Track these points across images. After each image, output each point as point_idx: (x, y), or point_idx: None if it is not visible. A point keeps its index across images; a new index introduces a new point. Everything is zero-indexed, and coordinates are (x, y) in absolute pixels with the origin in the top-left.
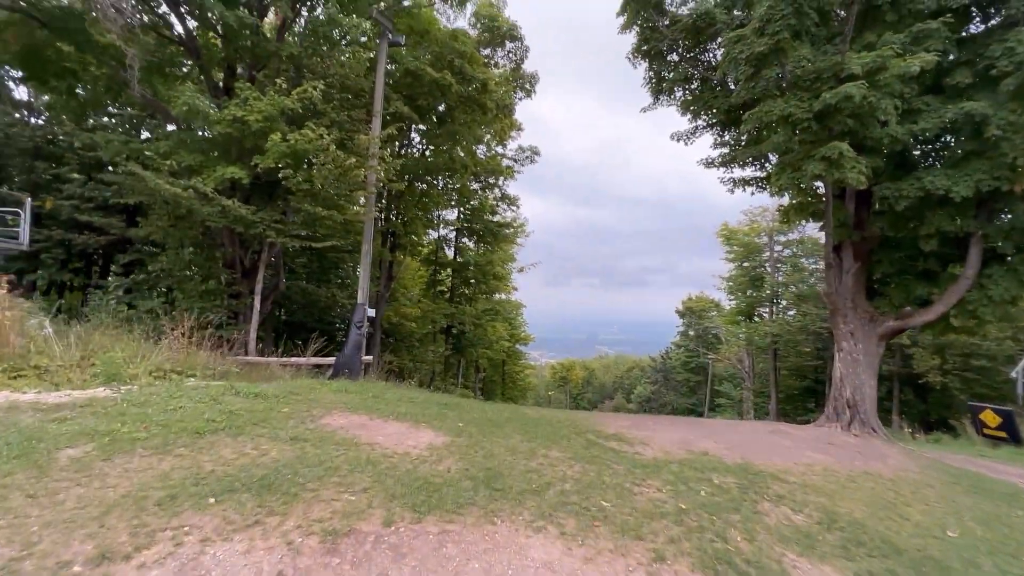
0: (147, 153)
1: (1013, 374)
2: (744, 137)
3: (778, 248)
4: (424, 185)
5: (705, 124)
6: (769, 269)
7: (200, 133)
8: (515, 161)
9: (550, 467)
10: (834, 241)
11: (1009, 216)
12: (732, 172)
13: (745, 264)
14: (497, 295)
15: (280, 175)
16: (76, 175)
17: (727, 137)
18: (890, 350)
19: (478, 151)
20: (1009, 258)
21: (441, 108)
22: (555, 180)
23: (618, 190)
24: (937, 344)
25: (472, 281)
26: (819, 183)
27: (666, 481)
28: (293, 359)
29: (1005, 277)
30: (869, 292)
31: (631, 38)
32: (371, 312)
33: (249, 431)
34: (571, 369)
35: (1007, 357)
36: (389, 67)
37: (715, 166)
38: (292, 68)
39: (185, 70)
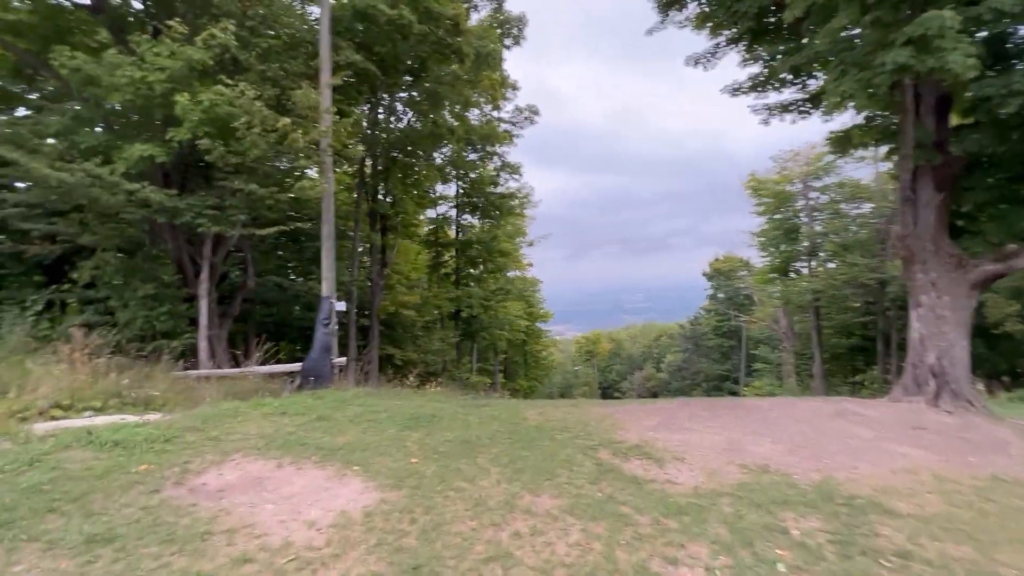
0: (22, 132)
1: None
2: (781, 48)
3: (813, 195)
4: (411, 159)
5: (727, 40)
6: (805, 219)
7: (108, 106)
8: (513, 124)
9: (530, 541)
10: (912, 165)
11: None
12: (766, 97)
13: (777, 216)
14: (510, 272)
15: (201, 147)
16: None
17: (759, 51)
18: None
19: (471, 117)
20: None
21: (410, 62)
22: (571, 151)
23: (636, 154)
24: (1015, 288)
25: (478, 260)
26: (882, 95)
27: (718, 541)
28: (255, 368)
29: None
30: (953, 231)
31: None
32: (341, 305)
33: (26, 525)
34: (597, 342)
35: None
36: (335, 11)
37: (743, 92)
38: (206, 15)
39: (100, 39)
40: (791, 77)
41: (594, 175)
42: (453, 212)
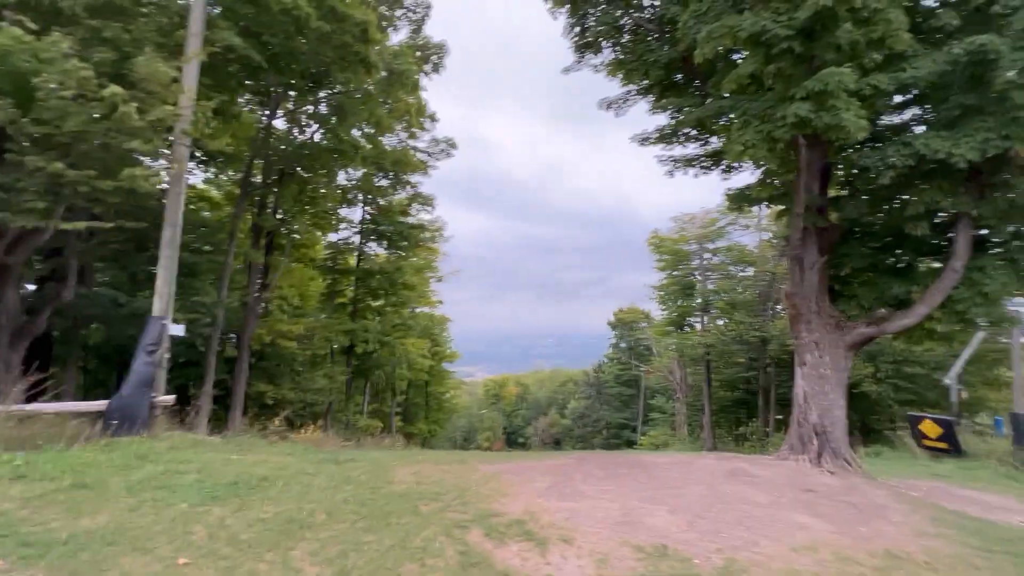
0: None
1: (946, 380)
2: (688, 103)
3: (707, 256)
4: (309, 174)
5: (639, 90)
6: (699, 277)
7: None
8: (429, 155)
9: None
10: (801, 224)
11: (1009, 193)
12: (672, 149)
13: (675, 273)
14: (418, 308)
15: None
16: None
17: (667, 102)
18: None
19: (385, 142)
20: (1002, 246)
21: (312, 67)
22: (497, 197)
23: (556, 206)
24: (868, 352)
25: (380, 292)
26: (779, 149)
27: None
28: (40, 406)
29: (1001, 269)
30: (832, 294)
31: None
32: (177, 329)
33: None
34: (504, 386)
35: (936, 363)
36: None
37: (651, 142)
38: None
39: None
40: (695, 132)
41: (517, 222)
42: (356, 238)
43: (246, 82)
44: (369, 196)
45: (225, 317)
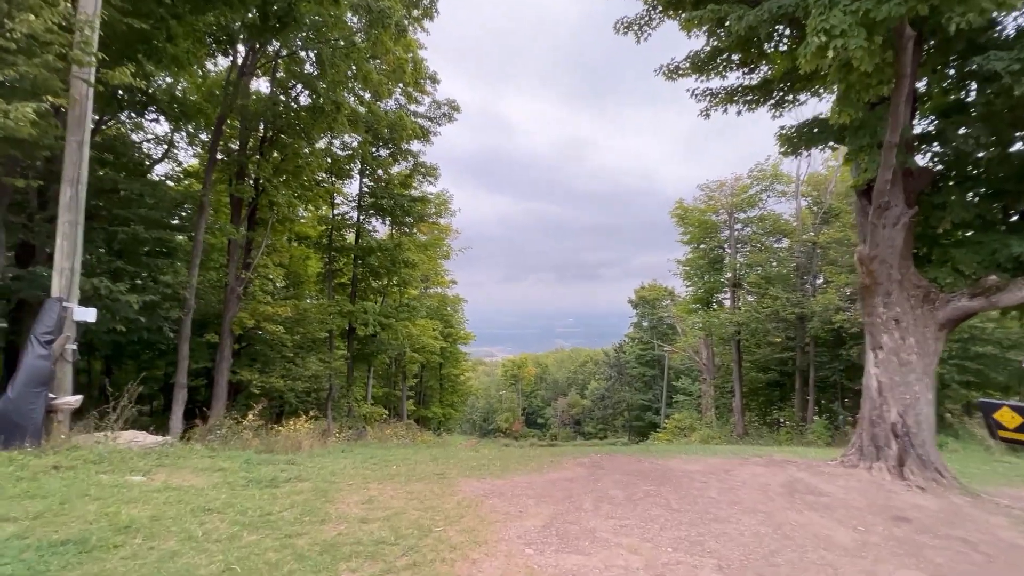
0: None
1: None
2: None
3: (737, 227)
4: (291, 139)
5: (665, 4)
6: (729, 250)
7: None
8: (430, 120)
9: None
10: (893, 161)
11: None
12: (709, 80)
13: (702, 246)
14: (432, 289)
15: None
16: None
17: (700, 13)
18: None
19: (386, 108)
20: None
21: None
22: (517, 177)
23: (576, 186)
24: None
25: (381, 271)
26: (875, 46)
27: None
28: None
29: None
30: (915, 259)
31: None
32: (85, 313)
33: None
34: (523, 366)
35: (1011, 342)
36: None
37: (682, 73)
38: None
39: None
40: (739, 56)
41: (537, 203)
42: (354, 214)
43: (180, 13)
44: (366, 167)
45: (197, 300)
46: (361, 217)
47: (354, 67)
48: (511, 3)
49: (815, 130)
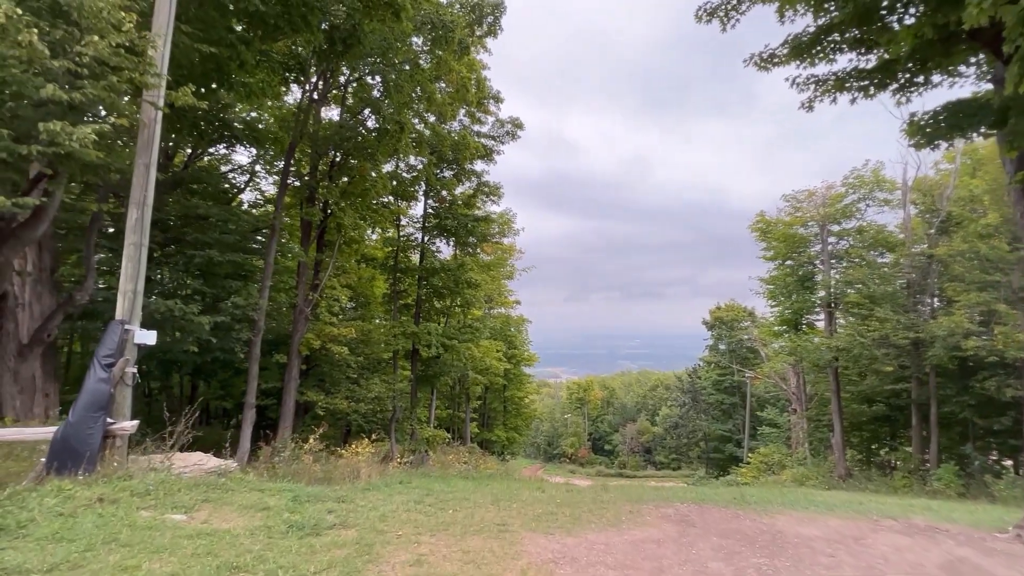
0: None
1: None
2: None
3: (831, 240)
4: (357, 162)
5: None
6: (821, 266)
7: None
8: (494, 139)
9: None
10: None
11: None
12: (814, 64)
13: (788, 262)
14: (494, 309)
15: None
16: None
17: None
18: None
19: (449, 128)
20: None
21: (334, 18)
22: (582, 196)
23: (642, 203)
24: None
25: (444, 291)
26: None
27: None
28: None
29: None
30: None
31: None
32: (147, 336)
33: None
34: (589, 389)
35: None
36: None
37: (779, 62)
38: None
39: None
40: (853, 35)
41: (602, 220)
42: (419, 235)
43: (251, 37)
44: (431, 188)
45: (266, 321)
46: (425, 238)
47: (419, 89)
48: (575, 23)
49: (960, 115)
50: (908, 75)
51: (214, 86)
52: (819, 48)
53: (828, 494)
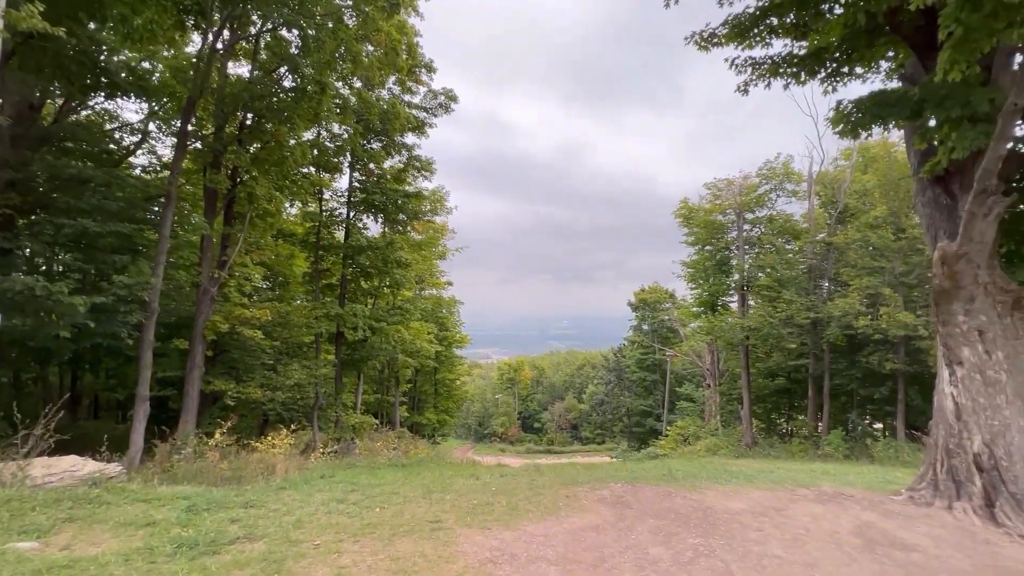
0: None
1: None
2: None
3: (746, 227)
4: (270, 124)
5: None
6: (736, 251)
7: None
8: (426, 111)
9: None
10: (1012, 139)
11: None
12: (752, 47)
13: (707, 248)
14: (425, 291)
15: None
16: None
17: None
18: (887, 343)
19: (378, 97)
20: None
21: None
22: (517, 179)
23: (576, 189)
24: None
25: (371, 271)
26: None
27: None
28: None
29: None
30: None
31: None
32: None
33: None
34: (519, 369)
35: None
36: None
37: (718, 42)
38: None
39: None
40: (790, 20)
41: (535, 205)
42: (344, 210)
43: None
44: (357, 161)
45: (163, 302)
46: (351, 214)
47: (343, 48)
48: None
49: (882, 104)
50: (835, 64)
51: (82, 16)
52: (757, 30)
53: (741, 463)
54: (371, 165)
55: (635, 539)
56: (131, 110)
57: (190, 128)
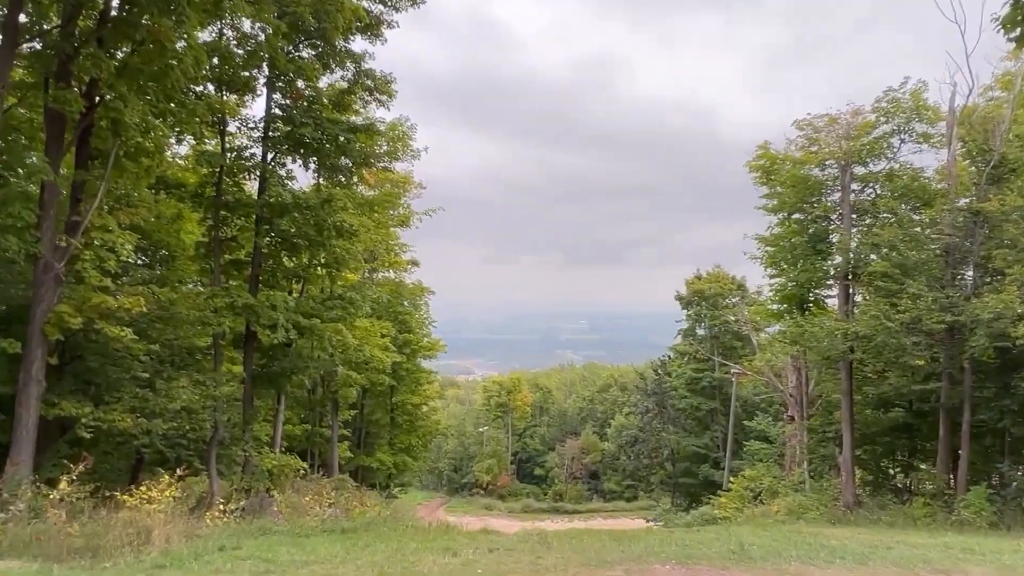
0: None
1: None
2: None
3: (854, 187)
4: (157, 19)
5: None
6: (839, 222)
7: None
8: (383, 3)
9: None
10: None
11: None
12: None
13: (796, 216)
14: (382, 273)
15: None
16: None
17: None
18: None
19: None
20: None
21: None
22: (514, 112)
23: (601, 127)
24: None
25: (300, 242)
26: None
27: None
28: None
29: None
30: None
31: None
32: None
33: None
34: (514, 391)
35: None
36: None
37: None
38: None
39: None
40: None
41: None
42: (258, 150)
43: None
44: (279, 76)
45: None
46: (269, 156)
47: None
48: None
49: None
50: None
51: None
52: None
53: (842, 533)
54: (300, 83)
55: None
56: None
57: (23, 19)
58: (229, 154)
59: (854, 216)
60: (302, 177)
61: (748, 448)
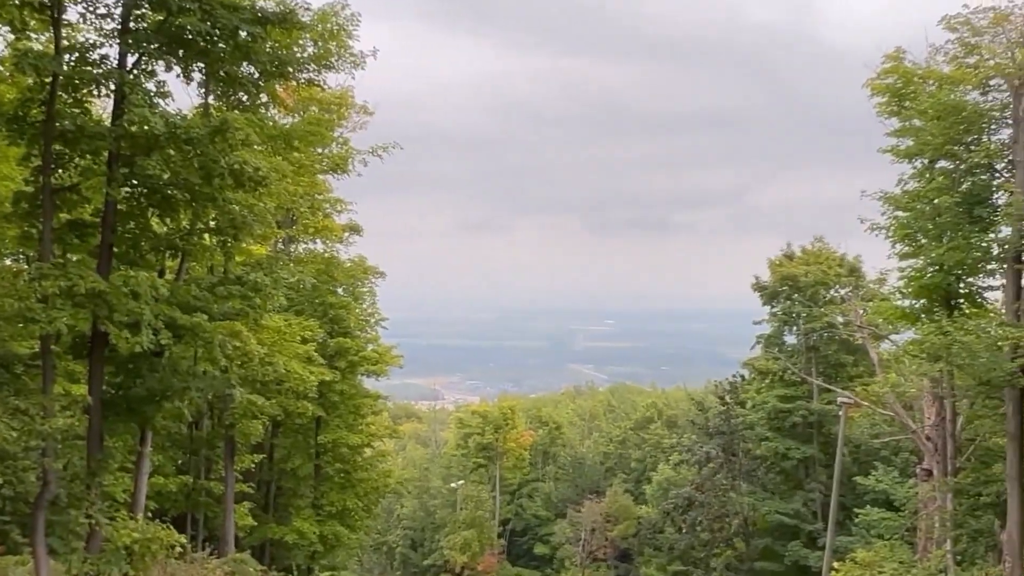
0: None
1: None
2: None
3: None
4: None
5: None
6: (1010, 176)
7: None
8: None
9: None
10: None
11: None
12: None
13: (941, 164)
14: (305, 244)
15: None
16: None
17: None
18: None
19: None
20: None
21: None
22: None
23: (647, 25)
24: None
25: (173, 194)
26: None
27: None
28: None
29: None
30: None
31: None
32: None
33: None
34: (506, 426)
35: None
36: None
37: None
38: None
39: None
40: None
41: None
42: (113, 51)
43: None
44: None
45: None
46: (131, 59)
47: None
48: None
49: None
50: None
51: None
52: None
53: None
54: None
55: None
56: None
57: None
58: (67, 56)
59: None
60: (182, 94)
61: (861, 518)
